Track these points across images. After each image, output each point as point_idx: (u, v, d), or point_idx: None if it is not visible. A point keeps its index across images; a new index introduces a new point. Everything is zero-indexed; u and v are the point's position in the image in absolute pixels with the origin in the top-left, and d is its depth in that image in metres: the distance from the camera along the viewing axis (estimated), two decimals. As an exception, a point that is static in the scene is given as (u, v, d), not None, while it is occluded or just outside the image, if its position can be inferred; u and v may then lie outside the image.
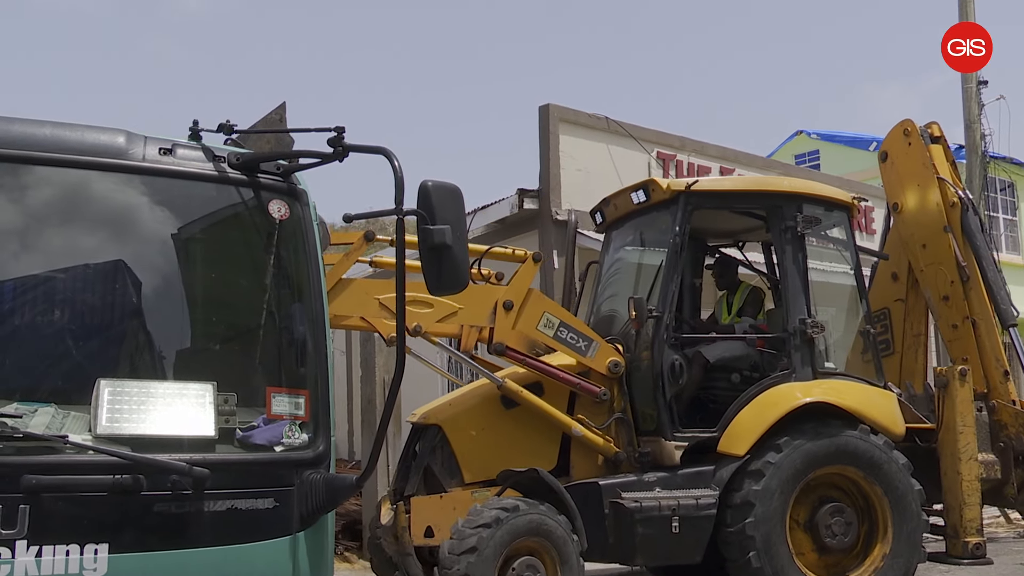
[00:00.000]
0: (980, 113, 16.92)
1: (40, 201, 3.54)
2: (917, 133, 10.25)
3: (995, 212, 22.38)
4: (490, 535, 6.93)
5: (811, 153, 27.72)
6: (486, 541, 6.91)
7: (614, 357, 8.19)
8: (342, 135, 3.63)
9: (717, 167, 15.69)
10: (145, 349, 3.60)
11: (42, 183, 3.53)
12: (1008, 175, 21.62)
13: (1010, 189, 23.42)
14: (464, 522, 7.06)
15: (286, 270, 3.77)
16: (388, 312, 7.45)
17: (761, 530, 7.67)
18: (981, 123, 16.97)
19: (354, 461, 17.19)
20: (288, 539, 3.52)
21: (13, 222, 3.49)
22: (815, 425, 8.10)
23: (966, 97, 16.90)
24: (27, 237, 3.51)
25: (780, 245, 8.66)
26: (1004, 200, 23.56)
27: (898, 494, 8.17)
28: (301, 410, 3.65)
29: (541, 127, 14.09)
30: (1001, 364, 9.82)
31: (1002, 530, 13.32)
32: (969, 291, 9.87)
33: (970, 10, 16.67)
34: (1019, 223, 23.97)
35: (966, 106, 16.93)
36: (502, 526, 7.00)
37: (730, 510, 7.78)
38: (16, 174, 3.48)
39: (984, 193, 17.32)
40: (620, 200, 9.19)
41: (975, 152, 17.04)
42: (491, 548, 6.92)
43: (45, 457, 3.21)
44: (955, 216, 9.97)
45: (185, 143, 3.74)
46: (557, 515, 7.28)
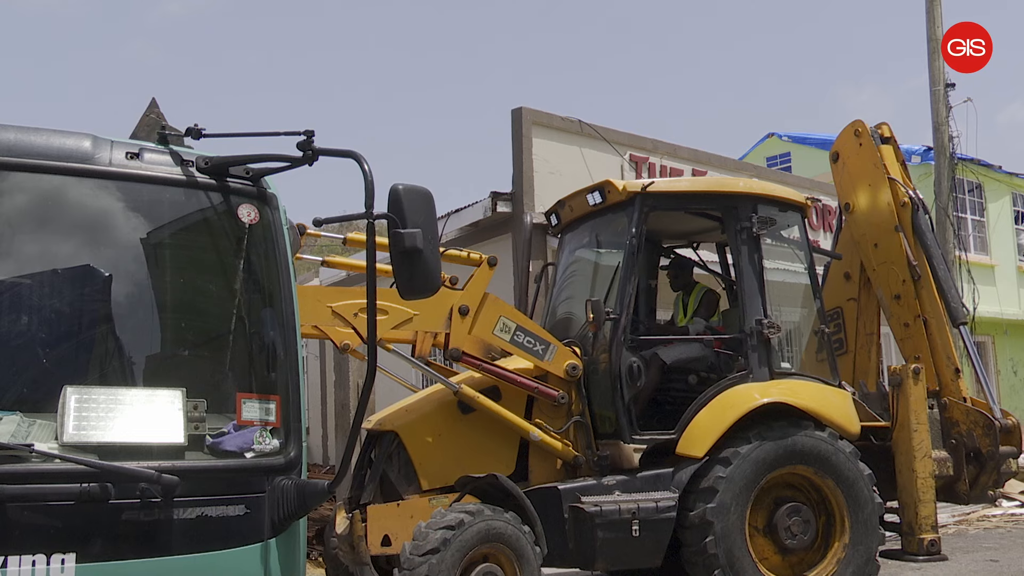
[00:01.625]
0: (948, 115, 17.09)
1: (5, 206, 3.47)
2: (868, 134, 10.38)
3: (963, 213, 22.59)
4: (453, 537, 6.90)
5: (782, 155, 27.90)
6: (449, 543, 6.88)
7: (572, 360, 8.19)
8: (311, 138, 3.60)
9: (689, 169, 15.86)
10: (113, 355, 3.56)
11: (7, 188, 3.46)
12: (976, 176, 21.90)
13: (978, 190, 23.74)
14: (428, 523, 7.01)
15: (256, 275, 3.74)
16: (341, 320, 7.38)
17: (722, 547, 7.67)
18: (949, 125, 17.15)
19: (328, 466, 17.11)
20: (260, 546, 3.49)
21: None
22: (771, 425, 8.16)
23: (934, 99, 17.07)
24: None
25: (736, 246, 8.70)
26: (972, 201, 23.85)
27: (849, 482, 8.23)
28: (272, 416, 3.62)
29: (514, 130, 14.15)
30: (952, 362, 9.96)
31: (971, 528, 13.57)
32: (920, 290, 10.01)
33: (937, 13, 16.90)
34: (987, 224, 24.29)
35: (934, 108, 17.10)
36: (466, 529, 6.96)
37: (689, 530, 7.77)
38: None
39: (952, 194, 17.49)
40: (576, 202, 9.19)
41: (943, 154, 17.21)
42: (454, 550, 6.88)
43: (10, 466, 3.16)
44: (906, 216, 10.10)
45: (152, 147, 3.70)
46: (522, 524, 7.26)
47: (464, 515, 7.02)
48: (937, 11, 16.92)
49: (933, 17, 16.94)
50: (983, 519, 13.99)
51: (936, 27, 17.02)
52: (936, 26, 17.02)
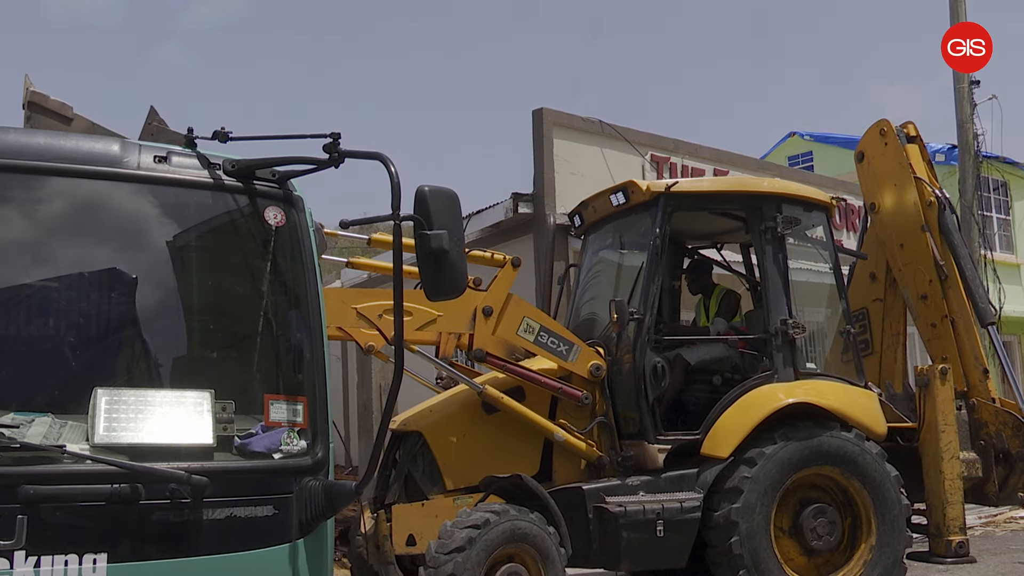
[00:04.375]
0: (972, 113, 16.91)
1: (35, 210, 3.51)
2: (893, 133, 10.29)
3: (989, 212, 22.39)
4: (479, 536, 6.92)
5: (804, 155, 27.82)
6: (475, 542, 6.90)
7: (595, 361, 8.19)
8: (338, 141, 3.62)
9: (711, 169, 15.82)
10: (142, 357, 3.59)
11: (37, 192, 3.51)
12: (1001, 174, 21.75)
13: (1003, 188, 23.58)
14: (453, 522, 7.04)
15: (282, 277, 3.76)
16: (365, 321, 7.40)
17: (747, 547, 7.66)
18: (974, 123, 16.96)
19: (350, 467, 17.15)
20: (287, 546, 3.51)
21: (8, 231, 3.47)
22: (797, 426, 8.13)
23: (958, 97, 16.90)
24: (23, 246, 3.49)
25: (760, 246, 8.67)
26: (997, 199, 23.71)
27: (876, 484, 8.19)
28: (299, 417, 3.64)
29: (535, 131, 14.17)
30: (980, 362, 9.87)
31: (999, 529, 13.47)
32: (947, 290, 9.92)
33: (962, 9, 16.73)
34: (1013, 222, 24.11)
35: (958, 106, 16.92)
36: (491, 528, 6.98)
37: (714, 531, 7.75)
38: (11, 184, 3.46)
39: (977, 193, 17.29)
40: (599, 203, 9.19)
41: (968, 152, 17.03)
42: (479, 549, 6.90)
43: (43, 467, 3.19)
44: (932, 215, 10.02)
45: (180, 150, 3.72)
46: (546, 524, 7.27)
47: (490, 515, 7.05)
48: (961, 7, 16.77)
49: (957, 13, 16.80)
50: (1010, 520, 13.88)
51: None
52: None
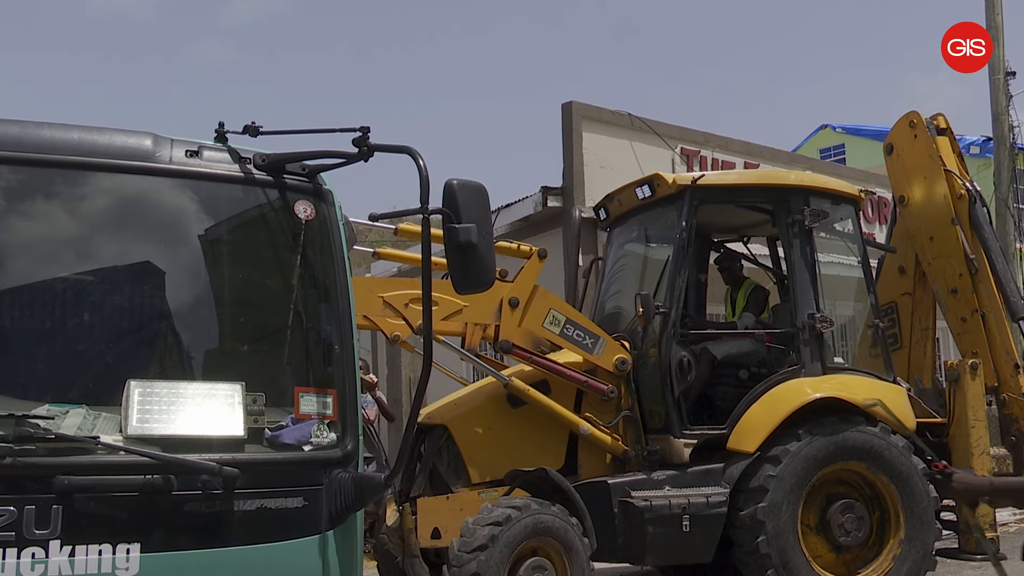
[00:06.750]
0: (1008, 105, 16.78)
1: (69, 204, 3.55)
2: (923, 125, 10.18)
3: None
4: (501, 533, 6.93)
5: (836, 147, 27.66)
6: (497, 539, 6.91)
7: (621, 354, 8.19)
8: (367, 135, 3.64)
9: (741, 162, 15.76)
10: (174, 350, 3.62)
11: (71, 187, 3.54)
12: (1037, 166, 21.48)
13: (1039, 180, 23.28)
14: (475, 520, 7.06)
15: (312, 270, 3.77)
16: (392, 310, 7.43)
17: (775, 546, 7.64)
18: (1009, 115, 16.83)
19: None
20: (317, 538, 3.53)
21: (42, 226, 3.51)
22: (822, 421, 8.09)
23: (993, 88, 16.75)
24: (56, 240, 3.52)
25: (787, 239, 8.64)
26: (1033, 192, 23.42)
27: (903, 478, 8.15)
28: (329, 409, 3.66)
29: (564, 124, 14.18)
30: (1011, 357, 9.74)
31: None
32: (978, 283, 9.80)
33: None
34: (1048, 215, 23.81)
35: (994, 97, 16.78)
36: (513, 524, 6.99)
37: (740, 530, 7.74)
38: (44, 178, 3.50)
39: (1013, 185, 17.07)
40: (624, 196, 9.18)
41: (1003, 144, 16.87)
42: (502, 546, 6.92)
43: (77, 458, 3.22)
44: (963, 208, 9.91)
45: (211, 145, 3.75)
46: (569, 516, 7.27)
47: (511, 510, 7.06)
48: (997, -1, 16.63)
49: (993, 3, 16.62)
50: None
51: (996, 14, 16.65)
52: (996, 13, 16.66)
